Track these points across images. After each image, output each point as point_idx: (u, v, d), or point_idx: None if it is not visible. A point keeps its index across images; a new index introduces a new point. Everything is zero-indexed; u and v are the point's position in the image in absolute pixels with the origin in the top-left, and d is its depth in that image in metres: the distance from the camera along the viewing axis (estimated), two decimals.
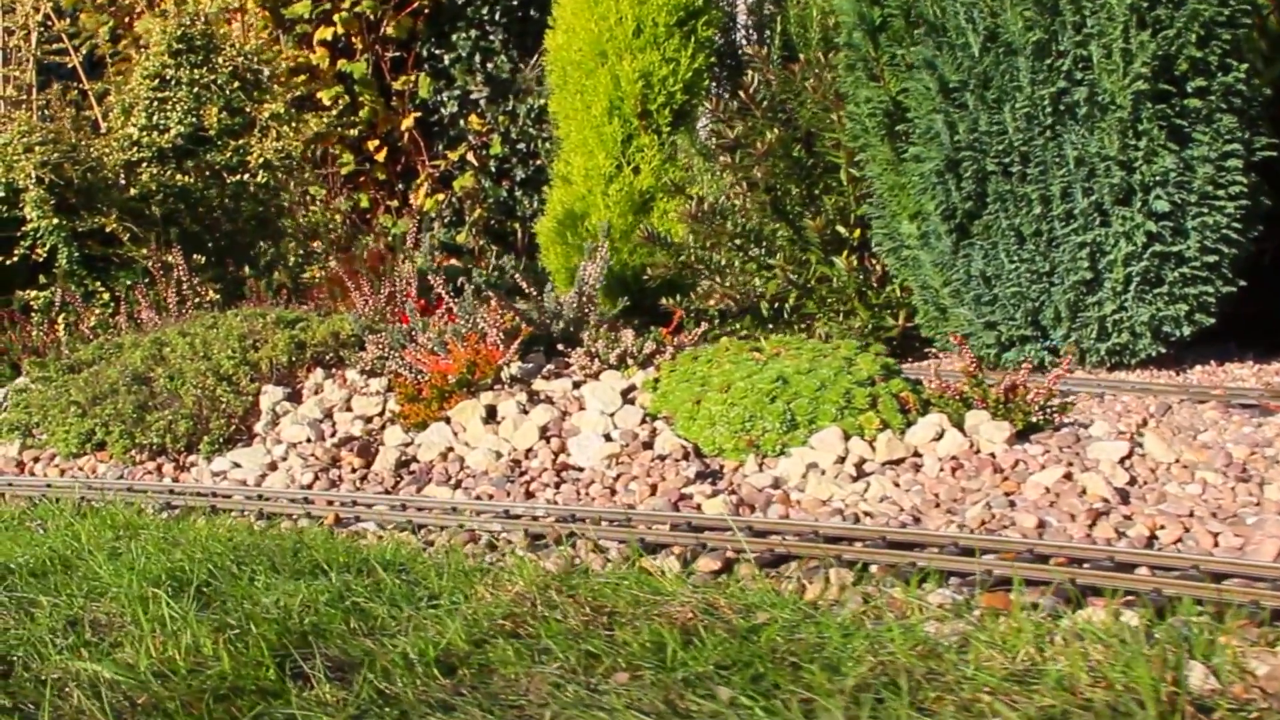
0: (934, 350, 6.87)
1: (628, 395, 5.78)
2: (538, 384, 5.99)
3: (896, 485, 4.58)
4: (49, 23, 8.57)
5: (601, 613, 3.10)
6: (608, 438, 5.54)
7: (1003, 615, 2.93)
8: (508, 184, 11.33)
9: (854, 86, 6.77)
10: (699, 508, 4.97)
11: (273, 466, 5.83)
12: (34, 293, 7.57)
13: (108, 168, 7.77)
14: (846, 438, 4.94)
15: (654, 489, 5.17)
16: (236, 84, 7.84)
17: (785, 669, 2.56)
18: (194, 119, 7.87)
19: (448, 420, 5.83)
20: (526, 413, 5.76)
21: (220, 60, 7.81)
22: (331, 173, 10.31)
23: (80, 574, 3.67)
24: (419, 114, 11.02)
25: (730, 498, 4.90)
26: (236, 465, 5.88)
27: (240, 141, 7.95)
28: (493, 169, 11.28)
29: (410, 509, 5.20)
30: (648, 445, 5.49)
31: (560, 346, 6.24)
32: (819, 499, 4.63)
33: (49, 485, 5.86)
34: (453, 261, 10.89)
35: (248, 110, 7.94)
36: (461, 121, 11.38)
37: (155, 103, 7.87)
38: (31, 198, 7.42)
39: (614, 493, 5.24)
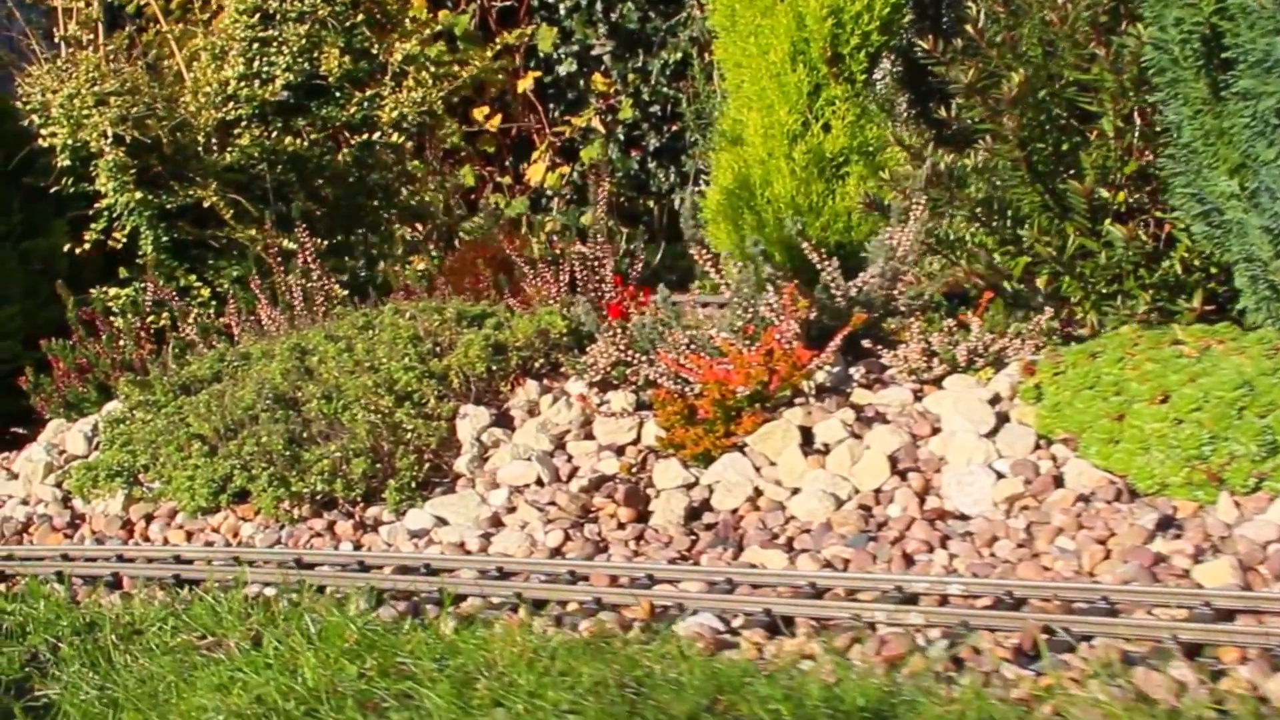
0: None
1: (995, 408, 4.05)
2: (859, 395, 4.25)
3: None
4: None
5: None
6: (997, 472, 3.80)
7: None
8: (639, 154, 9.60)
9: (1157, 6, 5.03)
10: (1185, 575, 3.30)
11: (495, 522, 4.08)
12: (113, 290, 5.80)
13: (197, 128, 6.01)
14: None
15: (1105, 549, 3.45)
16: (361, 16, 6.09)
17: None
18: (306, 64, 6.11)
19: (742, 449, 4.09)
20: (859, 437, 4.02)
21: None
22: (432, 145, 8.56)
23: None
24: (538, 74, 9.28)
25: (1224, 560, 3.26)
26: (442, 521, 4.13)
27: (369, 92, 6.18)
28: (621, 136, 9.54)
29: (742, 587, 3.48)
30: (1057, 481, 3.76)
31: (864, 342, 4.51)
32: None
33: (178, 558, 4.09)
34: (579, 248, 9.15)
35: (375, 52, 6.20)
36: (581, 82, 9.65)
37: (255, 45, 6.10)
38: (107, 164, 5.65)
39: (1035, 555, 3.51)
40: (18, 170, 5.89)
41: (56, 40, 6.15)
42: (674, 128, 9.58)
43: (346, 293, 6.05)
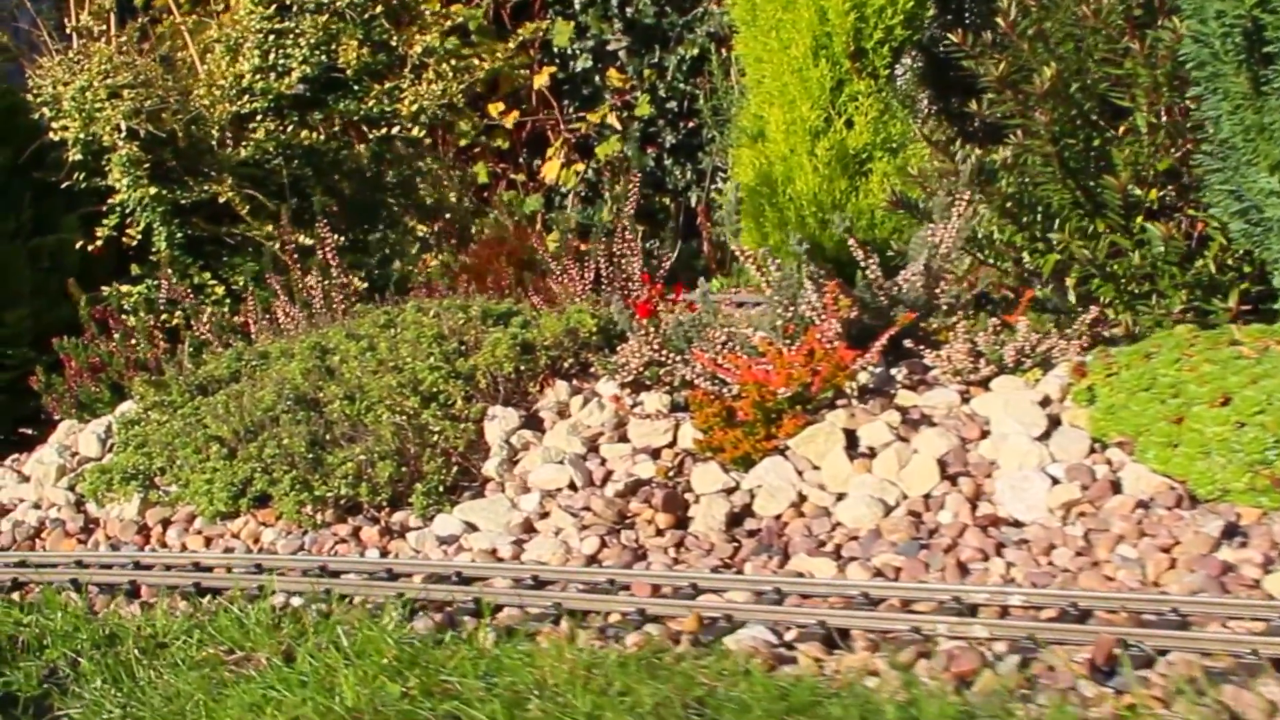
0: None
1: (1046, 410, 3.89)
2: (903, 397, 4.09)
3: None
4: None
5: None
6: (1051, 477, 3.65)
7: None
8: (655, 151, 9.44)
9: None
10: (1256, 585, 3.17)
11: (528, 528, 3.92)
12: (125, 287, 5.64)
13: (211, 122, 5.85)
14: None
15: (1170, 558, 3.31)
16: (379, 8, 5.92)
17: None
18: (323, 57, 5.94)
19: (783, 452, 3.93)
20: (905, 440, 3.87)
21: None
22: (447, 142, 8.40)
23: None
24: (553, 69, 9.12)
25: None
26: (471, 527, 3.97)
27: (387, 85, 6.01)
28: (637, 133, 9.37)
29: (790, 598, 3.34)
30: (1114, 487, 3.61)
31: (905, 342, 4.36)
32: None
33: (196, 565, 3.94)
34: (580, 246, 9.01)
35: (394, 44, 6.03)
36: (597, 78, 9.48)
37: (271, 37, 5.94)
38: (120, 158, 5.48)
39: (1096, 564, 3.36)
40: (27, 165, 5.73)
41: (68, 31, 5.98)
42: (691, 124, 9.43)
43: (365, 288, 5.91)
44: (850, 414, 4.00)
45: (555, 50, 9.34)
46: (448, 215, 7.56)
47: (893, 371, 4.27)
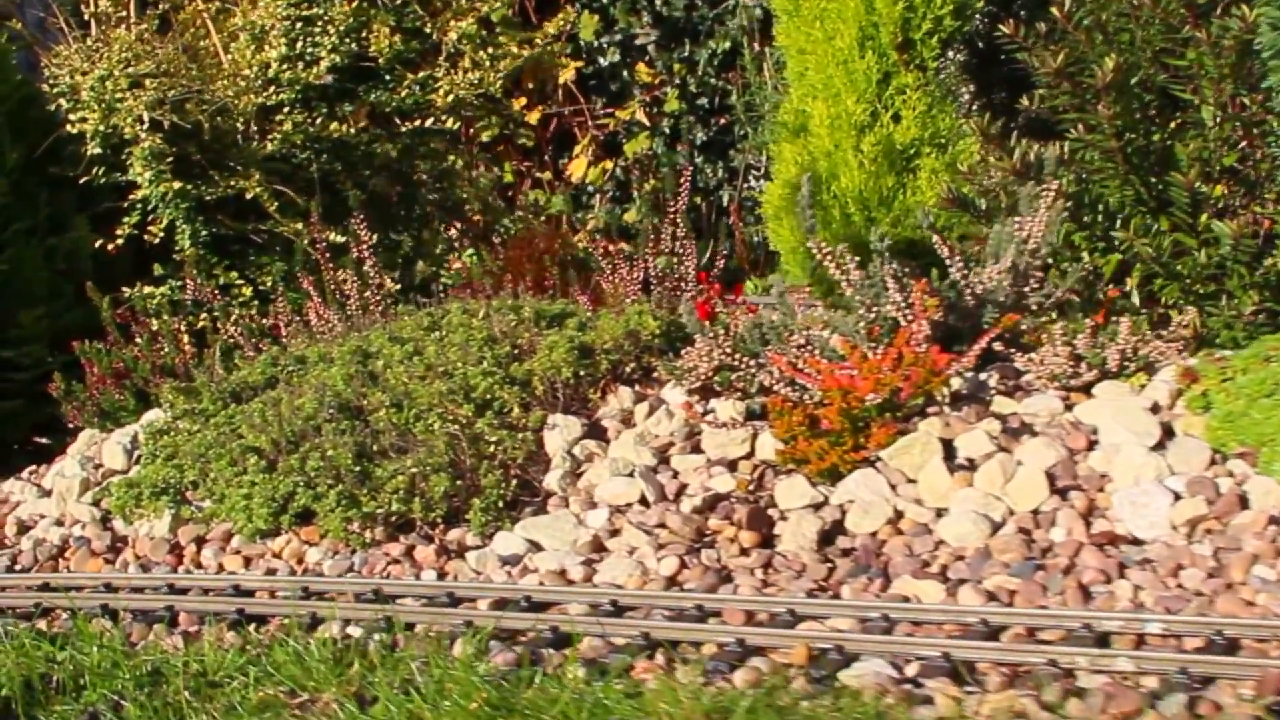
0: None
1: (1156, 418, 3.60)
2: (999, 404, 3.79)
3: None
4: None
5: None
6: (1173, 492, 3.35)
7: None
8: (685, 148, 9.13)
9: None
10: None
11: (597, 546, 3.62)
12: (147, 288, 5.32)
13: (236, 114, 5.53)
14: None
15: None
16: None
17: None
18: (354, 45, 5.63)
19: (873, 464, 3.63)
20: (1007, 451, 3.56)
21: None
22: (468, 139, 8.09)
23: None
24: (580, 64, 8.81)
25: None
26: (535, 546, 3.67)
27: (421, 74, 5.70)
28: (666, 130, 9.07)
29: (901, 625, 3.05)
30: (1242, 501, 3.31)
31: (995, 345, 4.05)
32: None
33: (237, 588, 3.63)
34: (622, 246, 8.71)
35: (428, 30, 5.72)
36: (625, 73, 9.17)
37: (299, 24, 5.62)
38: (142, 151, 5.16)
39: (1230, 586, 3.07)
40: (42, 160, 5.40)
41: (86, 18, 5.65)
42: (722, 121, 9.12)
43: (397, 289, 5.60)
44: (944, 423, 3.69)
45: (582, 44, 9.05)
46: (480, 213, 7.25)
47: (982, 376, 3.97)
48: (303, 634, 3.01)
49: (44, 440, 5.29)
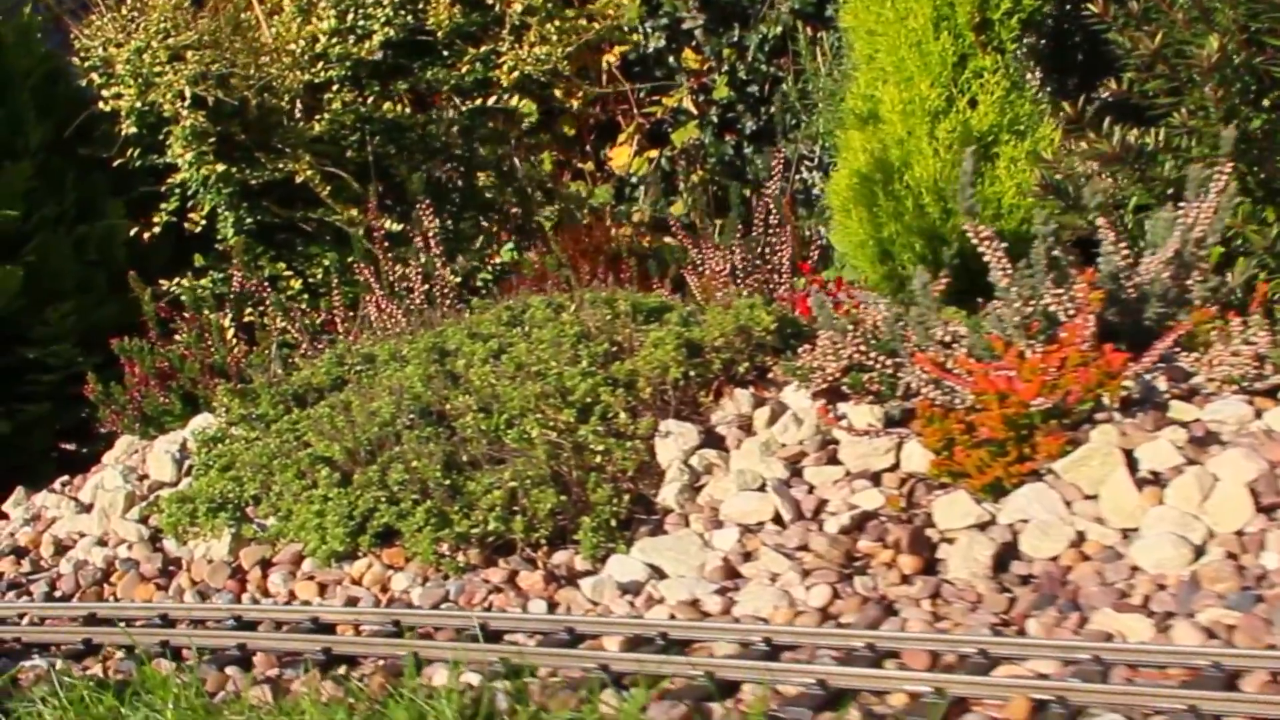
0: None
1: None
2: (1178, 409, 3.33)
3: None
4: None
5: None
6: None
7: None
8: (733, 138, 8.68)
9: None
10: None
11: (730, 572, 3.16)
12: (187, 280, 4.85)
13: (281, 91, 5.07)
14: None
15: None
16: None
17: None
18: (409, 17, 5.17)
19: (1041, 477, 3.17)
20: (1198, 463, 3.10)
21: None
22: (507, 128, 7.63)
23: None
24: (625, 48, 8.35)
25: None
26: (657, 572, 3.21)
27: (483, 49, 5.24)
28: (714, 119, 8.62)
29: (1117, 669, 2.58)
30: None
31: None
32: None
33: (316, 621, 3.16)
34: (666, 240, 8.29)
35: (490, 1, 5.26)
36: (671, 59, 8.71)
37: None
38: (183, 130, 4.70)
39: None
40: (71, 141, 4.93)
41: None
42: (773, 109, 8.67)
43: (458, 281, 5.15)
44: (1121, 431, 3.23)
45: (625, 28, 8.60)
46: (522, 203, 6.80)
47: (1148, 378, 3.51)
48: (424, 684, 2.54)
49: (71, 447, 4.83)
